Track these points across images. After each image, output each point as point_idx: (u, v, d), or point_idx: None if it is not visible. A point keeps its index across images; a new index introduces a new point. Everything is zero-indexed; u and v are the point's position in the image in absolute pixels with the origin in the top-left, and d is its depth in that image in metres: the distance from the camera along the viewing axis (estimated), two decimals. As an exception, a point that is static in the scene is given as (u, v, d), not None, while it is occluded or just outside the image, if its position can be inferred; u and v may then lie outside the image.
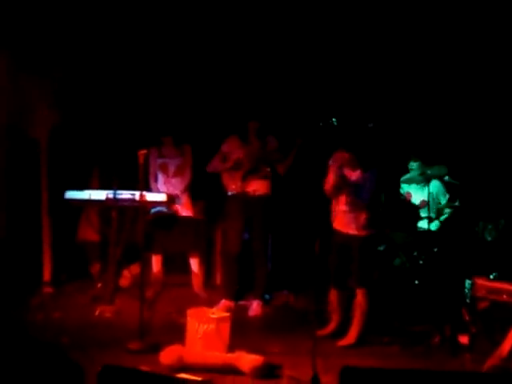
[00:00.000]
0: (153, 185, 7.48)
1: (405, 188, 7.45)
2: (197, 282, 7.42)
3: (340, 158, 6.01)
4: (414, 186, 7.39)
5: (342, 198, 6.02)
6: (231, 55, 8.02)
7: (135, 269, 7.50)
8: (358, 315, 5.93)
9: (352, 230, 6.02)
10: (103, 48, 7.65)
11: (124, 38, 7.70)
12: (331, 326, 6.14)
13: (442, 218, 7.21)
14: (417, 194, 7.34)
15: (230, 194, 7.08)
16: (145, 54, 7.88)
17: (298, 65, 8.00)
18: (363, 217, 5.97)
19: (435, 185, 7.26)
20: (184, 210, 7.46)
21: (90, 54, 7.58)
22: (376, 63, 7.87)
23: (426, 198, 6.98)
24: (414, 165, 7.24)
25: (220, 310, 6.14)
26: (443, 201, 7.28)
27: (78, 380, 3.26)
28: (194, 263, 7.41)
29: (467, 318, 5.70)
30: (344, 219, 6.06)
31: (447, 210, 7.21)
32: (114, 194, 6.71)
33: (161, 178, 7.49)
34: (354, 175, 6.00)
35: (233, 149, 7.05)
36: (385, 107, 7.84)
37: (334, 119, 5.82)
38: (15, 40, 7.18)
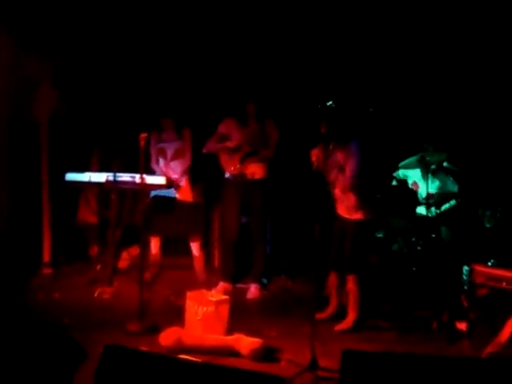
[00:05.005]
0: (155, 167, 7.49)
1: (402, 174, 7.42)
2: (198, 265, 7.43)
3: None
4: (419, 176, 7.30)
5: (336, 181, 6.03)
6: (230, 38, 7.99)
7: (134, 251, 7.53)
8: (352, 301, 5.95)
9: (346, 214, 6.05)
10: (104, 30, 7.61)
11: (125, 20, 7.67)
12: (329, 310, 6.16)
13: (443, 208, 7.15)
14: (423, 184, 7.27)
15: (226, 176, 7.06)
16: (146, 37, 7.85)
17: (298, 47, 7.97)
18: (353, 198, 5.97)
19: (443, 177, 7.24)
20: (183, 193, 7.45)
21: (91, 36, 7.54)
22: (378, 49, 7.84)
23: (417, 181, 7.05)
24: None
25: (218, 293, 6.17)
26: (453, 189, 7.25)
27: (79, 360, 3.26)
28: (195, 247, 7.43)
29: (465, 305, 5.73)
30: (339, 203, 6.10)
31: (451, 203, 7.16)
32: (114, 176, 6.71)
33: (161, 162, 7.49)
34: (340, 155, 6.00)
35: (230, 131, 7.01)
36: (386, 93, 7.83)
37: (330, 102, 5.73)
38: (16, 19, 7.12)
